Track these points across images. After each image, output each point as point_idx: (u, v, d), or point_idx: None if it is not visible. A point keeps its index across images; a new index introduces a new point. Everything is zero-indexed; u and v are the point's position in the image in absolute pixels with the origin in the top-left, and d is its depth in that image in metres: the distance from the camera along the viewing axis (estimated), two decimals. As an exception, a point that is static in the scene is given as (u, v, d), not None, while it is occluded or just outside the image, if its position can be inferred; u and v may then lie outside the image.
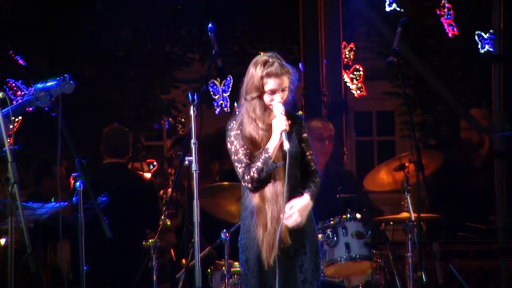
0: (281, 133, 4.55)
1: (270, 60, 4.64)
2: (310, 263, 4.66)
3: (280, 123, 4.56)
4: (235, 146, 4.66)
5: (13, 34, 11.31)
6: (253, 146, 4.63)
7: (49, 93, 4.77)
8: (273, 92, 4.62)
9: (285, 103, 4.68)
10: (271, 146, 4.57)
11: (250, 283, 4.65)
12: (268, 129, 4.64)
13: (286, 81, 4.65)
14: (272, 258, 4.57)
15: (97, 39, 11.78)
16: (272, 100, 4.63)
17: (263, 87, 4.62)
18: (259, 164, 4.56)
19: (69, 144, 4.75)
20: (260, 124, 4.65)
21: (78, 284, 4.87)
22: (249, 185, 4.60)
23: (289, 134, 4.63)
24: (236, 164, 4.64)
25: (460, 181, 7.68)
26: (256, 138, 4.63)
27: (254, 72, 4.64)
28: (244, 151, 4.63)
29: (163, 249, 7.85)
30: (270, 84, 4.62)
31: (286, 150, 4.52)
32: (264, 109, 4.66)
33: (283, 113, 4.60)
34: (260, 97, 4.65)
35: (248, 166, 4.59)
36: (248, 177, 4.58)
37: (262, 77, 4.62)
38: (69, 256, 7.05)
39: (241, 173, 4.61)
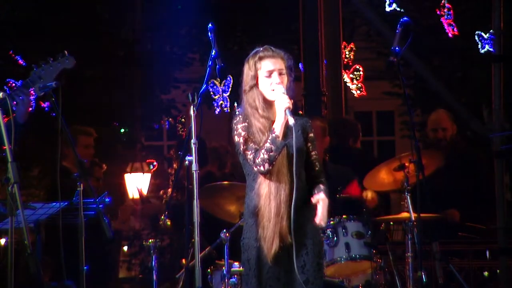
0: (285, 111, 4.57)
1: (261, 48, 4.75)
2: (313, 264, 4.65)
3: (282, 101, 4.60)
4: (243, 136, 4.67)
5: (13, 34, 11.32)
6: (261, 135, 4.65)
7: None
8: (269, 73, 4.66)
9: (287, 91, 4.70)
10: (277, 125, 4.60)
11: (251, 283, 4.65)
12: (270, 118, 4.67)
13: (281, 63, 4.71)
14: (272, 253, 4.57)
15: (97, 39, 11.78)
16: (270, 84, 4.65)
17: (257, 73, 4.67)
18: (267, 144, 4.58)
19: (69, 144, 4.75)
20: (261, 112, 4.68)
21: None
22: (261, 168, 4.59)
23: (295, 132, 4.66)
24: (246, 152, 4.64)
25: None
26: (261, 127, 4.66)
27: (248, 63, 4.74)
28: (253, 139, 4.65)
29: (163, 248, 7.85)
30: (264, 65, 4.69)
31: (292, 125, 4.54)
32: (263, 100, 4.68)
33: (285, 93, 4.63)
34: (258, 87, 4.69)
35: (257, 151, 4.61)
36: (259, 159, 4.59)
37: (255, 63, 4.70)
38: None
39: (252, 159, 4.62)
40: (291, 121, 4.54)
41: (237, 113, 4.78)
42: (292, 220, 4.54)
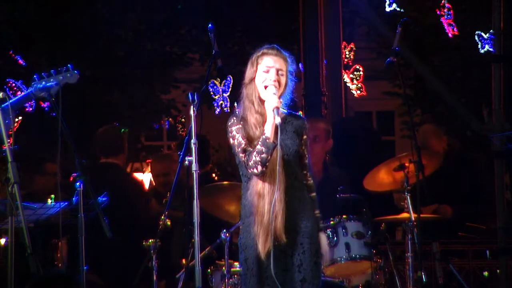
0: (273, 110, 4.59)
1: (268, 46, 4.80)
2: (310, 263, 4.65)
3: (272, 101, 4.63)
4: (237, 139, 4.70)
5: (13, 34, 11.31)
6: (254, 131, 4.67)
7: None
8: (268, 69, 4.69)
9: (284, 97, 4.71)
10: (268, 127, 4.63)
11: (250, 282, 4.66)
12: (264, 114, 4.70)
13: (283, 64, 4.74)
14: (266, 251, 4.58)
15: (97, 39, 11.78)
16: (265, 79, 4.67)
17: (257, 68, 4.71)
18: (258, 146, 4.61)
19: (69, 144, 4.76)
20: (256, 107, 4.70)
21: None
22: (254, 170, 4.62)
23: (289, 132, 4.67)
24: (240, 155, 4.67)
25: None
26: (254, 122, 4.69)
27: (251, 58, 4.78)
28: (247, 141, 4.66)
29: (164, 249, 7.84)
30: (265, 61, 4.72)
31: (277, 124, 4.57)
32: (259, 94, 4.70)
33: (276, 94, 4.64)
34: (255, 82, 4.72)
35: (250, 153, 4.62)
36: (252, 162, 4.61)
37: (257, 57, 4.75)
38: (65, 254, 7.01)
39: (246, 162, 4.65)
40: (278, 120, 4.58)
41: (236, 112, 4.80)
42: (271, 211, 4.56)
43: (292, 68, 4.79)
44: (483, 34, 8.49)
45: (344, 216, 6.15)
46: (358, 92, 12.63)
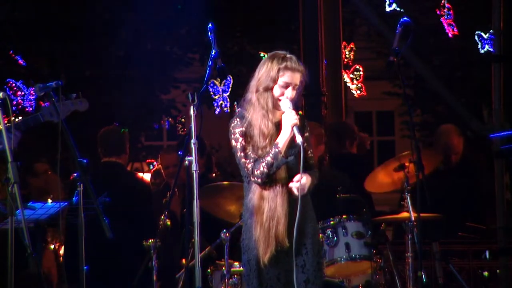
0: (292, 127, 4.55)
1: (288, 55, 4.67)
2: (313, 263, 4.65)
3: (290, 117, 4.57)
4: (240, 142, 4.64)
5: (13, 34, 11.33)
6: (261, 140, 4.62)
7: (58, 116, 4.79)
8: (286, 86, 4.63)
9: (291, 102, 4.68)
10: (281, 140, 4.57)
11: (252, 284, 4.65)
12: (276, 123, 4.65)
13: (298, 79, 4.66)
14: (267, 256, 4.57)
15: (97, 39, 11.79)
16: (282, 94, 4.62)
17: (278, 78, 4.62)
18: (269, 159, 4.55)
19: (69, 144, 4.76)
20: (270, 116, 4.65)
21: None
22: (259, 180, 4.58)
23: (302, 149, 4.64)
24: (243, 160, 4.62)
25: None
26: (265, 131, 4.63)
27: (271, 64, 4.65)
28: (251, 147, 4.63)
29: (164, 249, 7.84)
30: (286, 77, 4.62)
31: (300, 143, 4.52)
32: (273, 104, 4.65)
33: (292, 108, 4.60)
34: (272, 91, 4.65)
35: (257, 161, 4.58)
36: (258, 171, 4.56)
37: (279, 69, 4.62)
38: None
39: (250, 169, 4.59)
40: (299, 139, 4.50)
41: (239, 113, 4.75)
42: (295, 237, 4.53)
43: (304, 79, 4.73)
44: (483, 34, 8.50)
45: (344, 216, 6.15)
46: (358, 92, 12.68)
